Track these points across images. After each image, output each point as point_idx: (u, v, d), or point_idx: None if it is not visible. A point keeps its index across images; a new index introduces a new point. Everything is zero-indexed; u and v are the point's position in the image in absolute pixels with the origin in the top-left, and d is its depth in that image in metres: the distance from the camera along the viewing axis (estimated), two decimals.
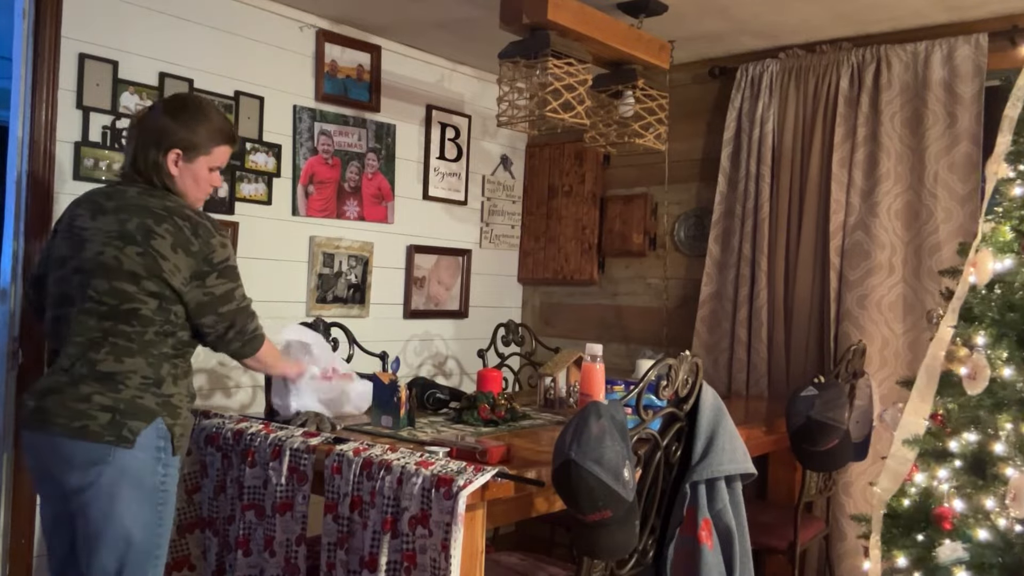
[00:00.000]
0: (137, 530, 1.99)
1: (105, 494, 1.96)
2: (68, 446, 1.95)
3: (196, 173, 2.14)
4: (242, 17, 3.25)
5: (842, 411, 2.70)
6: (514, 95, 2.95)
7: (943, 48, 3.16)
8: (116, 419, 1.96)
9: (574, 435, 1.72)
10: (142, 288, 2.00)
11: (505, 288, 4.44)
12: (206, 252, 2.04)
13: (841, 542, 3.21)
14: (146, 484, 2.00)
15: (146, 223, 2.01)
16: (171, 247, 2.00)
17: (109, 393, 1.97)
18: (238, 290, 2.12)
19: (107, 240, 2.02)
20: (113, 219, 2.04)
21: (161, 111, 2.14)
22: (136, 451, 1.97)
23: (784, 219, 3.47)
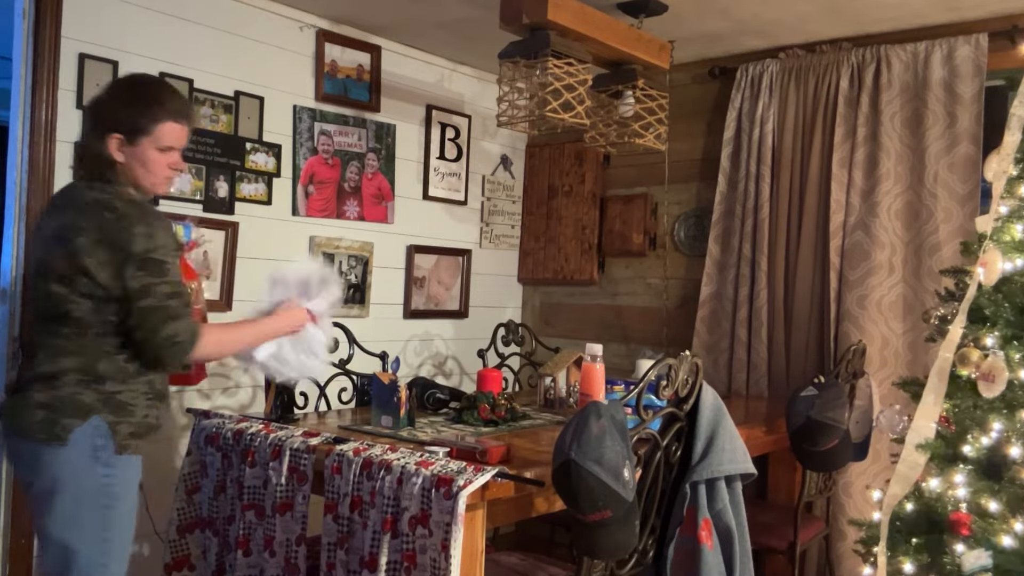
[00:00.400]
0: (75, 537, 1.87)
1: (43, 495, 1.88)
2: (13, 444, 1.93)
3: (143, 156, 1.96)
4: (242, 17, 3.25)
5: (842, 411, 2.70)
6: (514, 95, 2.95)
7: (943, 48, 3.16)
8: (49, 416, 1.87)
9: (574, 435, 1.72)
10: (74, 289, 1.88)
11: (505, 288, 4.43)
12: (125, 242, 1.87)
13: (841, 542, 3.21)
14: (84, 485, 1.87)
15: (74, 221, 1.89)
16: (94, 243, 1.86)
17: (47, 391, 1.89)
18: (160, 286, 1.89)
19: (46, 242, 1.95)
20: (54, 219, 1.96)
21: (102, 94, 2.01)
22: (69, 449, 1.86)
23: (784, 219, 3.46)
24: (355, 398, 2.84)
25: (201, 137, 3.13)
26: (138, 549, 3.00)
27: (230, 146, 3.22)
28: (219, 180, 3.19)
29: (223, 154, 3.20)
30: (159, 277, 1.89)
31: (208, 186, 3.16)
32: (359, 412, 2.69)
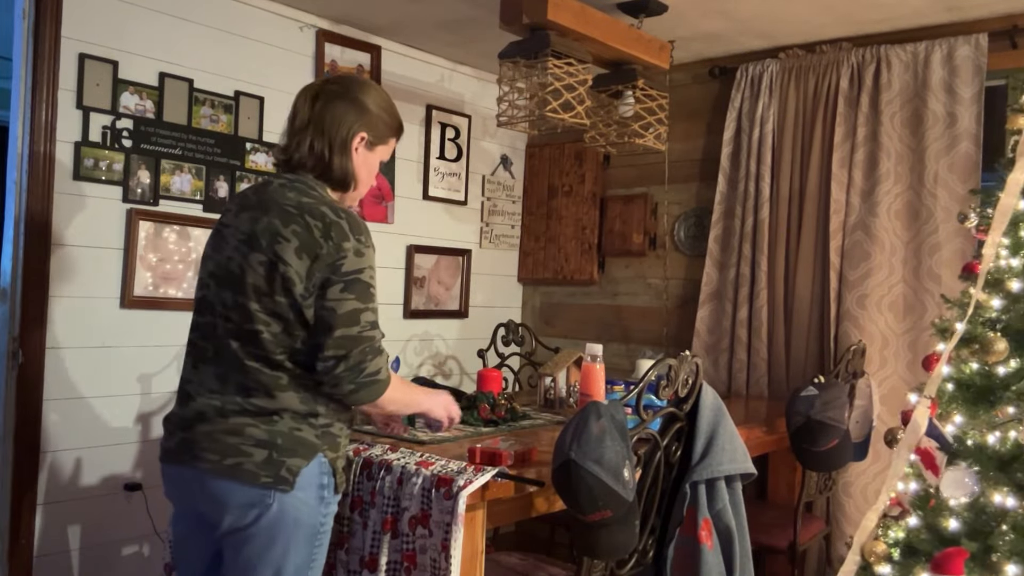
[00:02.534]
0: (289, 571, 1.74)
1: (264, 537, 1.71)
2: (219, 486, 1.69)
3: (371, 163, 1.88)
4: (242, 17, 3.25)
5: (842, 411, 2.70)
6: (514, 95, 2.95)
7: (943, 48, 3.16)
8: (273, 457, 1.68)
9: (574, 435, 1.72)
10: (263, 306, 1.69)
11: (505, 288, 4.44)
12: (335, 258, 1.67)
13: (841, 542, 3.21)
14: (304, 525, 1.72)
15: (274, 223, 1.70)
16: (295, 251, 1.67)
17: (263, 426, 1.70)
18: (365, 314, 1.70)
19: (237, 243, 1.75)
20: (247, 217, 1.76)
21: (346, 89, 1.84)
22: (297, 492, 1.70)
23: (784, 219, 3.47)
24: None
25: (201, 137, 3.13)
26: (138, 549, 3.01)
27: (230, 146, 3.22)
28: (219, 180, 3.19)
29: (223, 154, 3.20)
30: (365, 303, 1.71)
31: (208, 186, 3.16)
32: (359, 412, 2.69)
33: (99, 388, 2.89)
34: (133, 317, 2.96)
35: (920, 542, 1.96)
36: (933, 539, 1.95)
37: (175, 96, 3.07)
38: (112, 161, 2.90)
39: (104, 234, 2.90)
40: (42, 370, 2.74)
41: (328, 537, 1.82)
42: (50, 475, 2.78)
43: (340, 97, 1.83)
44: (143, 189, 2.98)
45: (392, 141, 1.94)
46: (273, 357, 1.71)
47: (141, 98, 2.98)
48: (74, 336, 2.82)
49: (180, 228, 3.08)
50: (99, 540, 2.90)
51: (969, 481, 1.90)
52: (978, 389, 2.04)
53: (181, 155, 3.08)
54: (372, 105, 1.85)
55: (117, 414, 2.94)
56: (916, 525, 2.02)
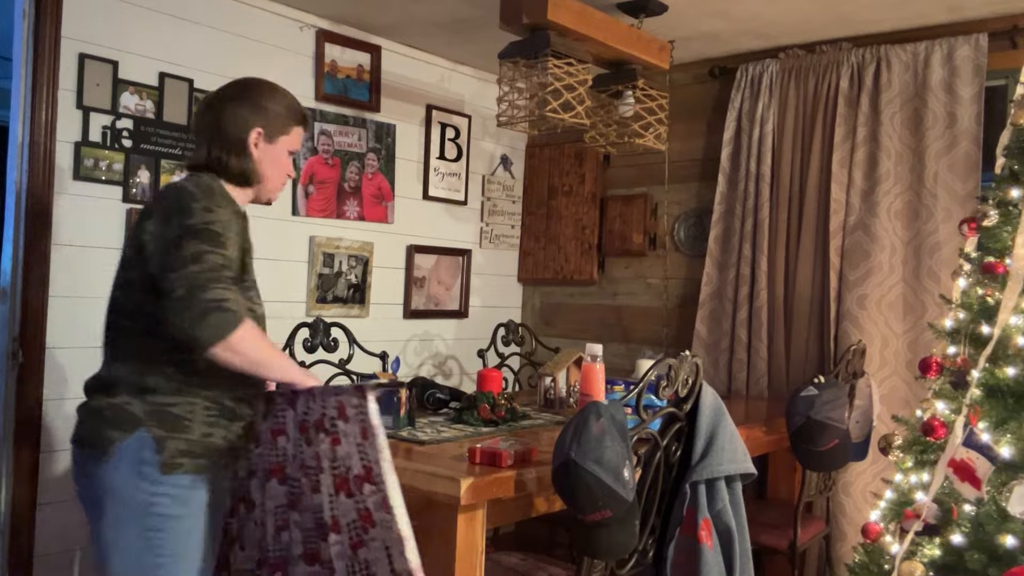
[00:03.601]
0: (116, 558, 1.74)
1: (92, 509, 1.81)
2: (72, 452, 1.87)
3: (276, 155, 1.95)
4: (242, 17, 3.25)
5: (842, 411, 2.70)
6: (514, 95, 2.95)
7: (943, 48, 3.16)
8: (98, 425, 1.78)
9: (574, 435, 1.72)
10: (128, 276, 1.81)
11: (505, 288, 4.43)
12: (183, 217, 1.72)
13: (841, 542, 3.21)
14: (123, 499, 1.74)
15: (147, 211, 1.82)
16: (157, 222, 1.75)
17: (100, 398, 1.81)
18: (211, 255, 1.69)
19: (129, 245, 1.88)
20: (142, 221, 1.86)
21: (232, 93, 1.94)
22: (113, 461, 1.73)
23: (784, 219, 3.47)
24: None
25: None
26: None
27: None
28: None
29: None
30: (211, 244, 1.70)
31: None
32: None
33: None
34: None
35: (971, 561, 1.87)
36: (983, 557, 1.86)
37: (175, 96, 3.07)
38: (112, 161, 2.90)
39: (104, 234, 2.90)
40: (42, 370, 2.74)
41: (181, 526, 1.75)
42: (50, 475, 2.78)
43: (231, 99, 1.93)
44: (143, 189, 2.98)
45: (295, 129, 2.00)
46: (121, 322, 1.82)
47: (141, 98, 2.98)
48: (74, 336, 2.82)
49: None
50: None
51: None
52: (1015, 395, 1.98)
53: (181, 155, 3.08)
54: (263, 100, 1.94)
55: None
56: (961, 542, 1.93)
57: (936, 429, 2.06)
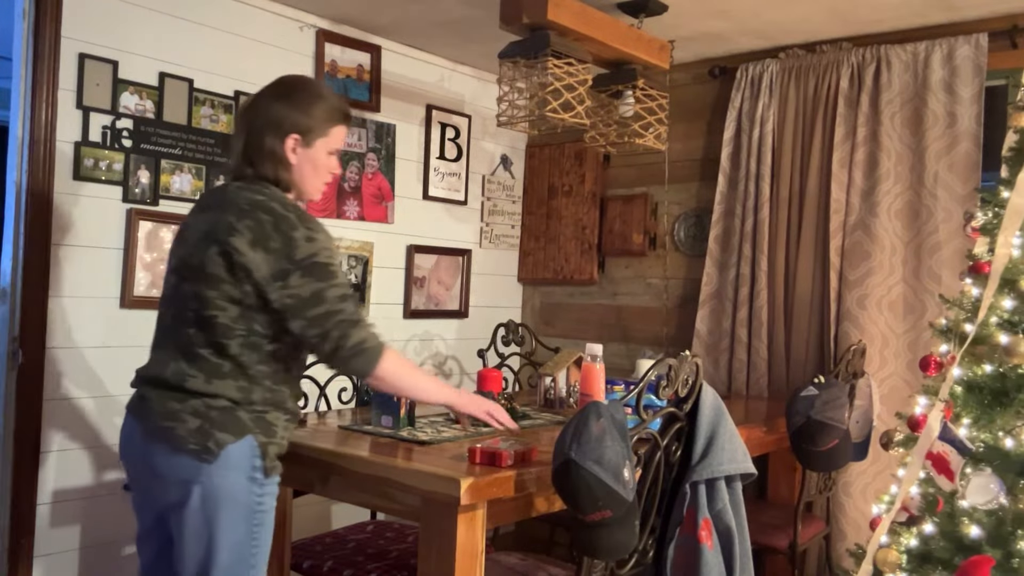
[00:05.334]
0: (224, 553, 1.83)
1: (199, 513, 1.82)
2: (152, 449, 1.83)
3: (315, 159, 1.96)
4: (242, 17, 3.25)
5: (842, 411, 2.70)
6: (514, 95, 2.95)
7: (943, 48, 3.16)
8: (204, 427, 1.79)
9: (574, 435, 1.72)
10: (222, 292, 1.81)
11: (505, 288, 4.43)
12: (287, 248, 1.80)
13: (841, 542, 3.21)
14: (237, 503, 1.82)
15: (229, 220, 1.82)
16: (249, 244, 1.79)
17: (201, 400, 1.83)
18: (330, 290, 1.82)
19: (196, 240, 1.87)
20: (205, 217, 1.89)
21: (270, 96, 1.96)
22: (224, 468, 1.80)
23: (784, 219, 3.47)
24: (355, 398, 2.84)
25: (201, 137, 3.13)
26: None
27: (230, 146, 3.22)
28: (219, 180, 3.19)
29: (223, 154, 3.20)
30: (326, 281, 1.82)
31: (208, 186, 3.16)
32: (359, 412, 2.69)
33: (99, 388, 2.89)
34: (133, 317, 2.96)
35: (939, 550, 1.92)
36: (951, 546, 1.91)
37: (175, 96, 3.07)
38: (112, 161, 2.90)
39: (104, 234, 2.90)
40: (42, 370, 2.74)
41: (271, 519, 1.89)
42: (50, 475, 2.78)
43: (266, 106, 1.94)
44: (143, 189, 2.98)
45: (335, 129, 2.00)
46: (223, 342, 1.83)
47: (141, 98, 2.98)
48: (74, 336, 2.82)
49: None
50: (99, 540, 2.90)
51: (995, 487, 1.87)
52: (992, 391, 2.00)
53: (181, 155, 3.08)
54: (297, 103, 1.94)
55: (117, 414, 2.94)
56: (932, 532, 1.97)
57: (921, 424, 2.11)
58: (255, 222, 1.81)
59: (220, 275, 1.81)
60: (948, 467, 1.94)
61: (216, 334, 1.83)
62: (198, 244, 1.86)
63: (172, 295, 1.92)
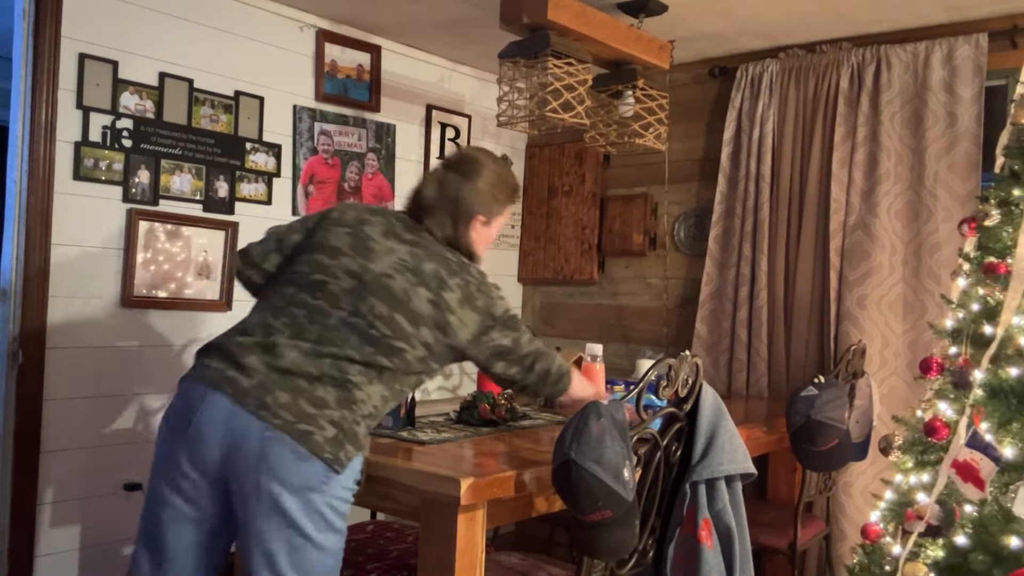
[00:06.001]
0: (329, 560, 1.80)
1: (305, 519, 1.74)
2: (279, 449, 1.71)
3: (490, 235, 2.16)
4: (242, 17, 3.25)
5: (842, 411, 2.69)
6: (514, 95, 2.95)
7: (943, 48, 3.16)
8: (339, 437, 1.76)
9: (574, 435, 1.72)
10: (419, 333, 1.87)
11: (505, 288, 4.41)
12: (489, 306, 1.98)
13: (841, 542, 3.21)
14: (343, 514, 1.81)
15: (440, 272, 1.93)
16: (459, 301, 1.92)
17: (338, 410, 1.78)
18: (523, 337, 2.05)
19: (399, 268, 1.90)
20: (407, 251, 1.94)
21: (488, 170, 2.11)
22: (343, 479, 1.78)
23: (784, 219, 3.46)
24: None
25: (201, 137, 3.13)
26: None
27: (230, 146, 3.22)
28: (219, 180, 3.19)
29: (223, 154, 3.20)
30: (519, 331, 2.05)
31: (208, 186, 3.16)
32: None
33: (99, 388, 2.89)
34: (133, 317, 2.96)
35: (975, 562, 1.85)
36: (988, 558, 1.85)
37: (175, 96, 3.07)
38: (112, 161, 2.90)
39: (104, 234, 2.90)
40: (42, 370, 2.74)
41: None
42: (50, 475, 2.78)
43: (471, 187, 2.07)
44: (143, 189, 2.98)
45: (509, 208, 2.21)
46: (397, 372, 1.87)
47: (141, 98, 2.98)
48: (74, 336, 2.82)
49: (180, 228, 3.08)
50: (99, 540, 2.90)
51: None
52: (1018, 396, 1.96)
53: (181, 155, 3.08)
54: (495, 191, 2.11)
55: (117, 414, 2.94)
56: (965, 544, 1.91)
57: (938, 430, 2.04)
58: (463, 281, 1.96)
59: (423, 316, 1.88)
60: (977, 475, 1.87)
61: (396, 362, 1.86)
62: (402, 273, 1.90)
63: (343, 297, 1.87)
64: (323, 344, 1.82)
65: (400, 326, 1.86)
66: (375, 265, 1.90)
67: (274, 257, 2.03)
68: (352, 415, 1.79)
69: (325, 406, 1.77)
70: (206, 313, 3.15)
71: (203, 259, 3.14)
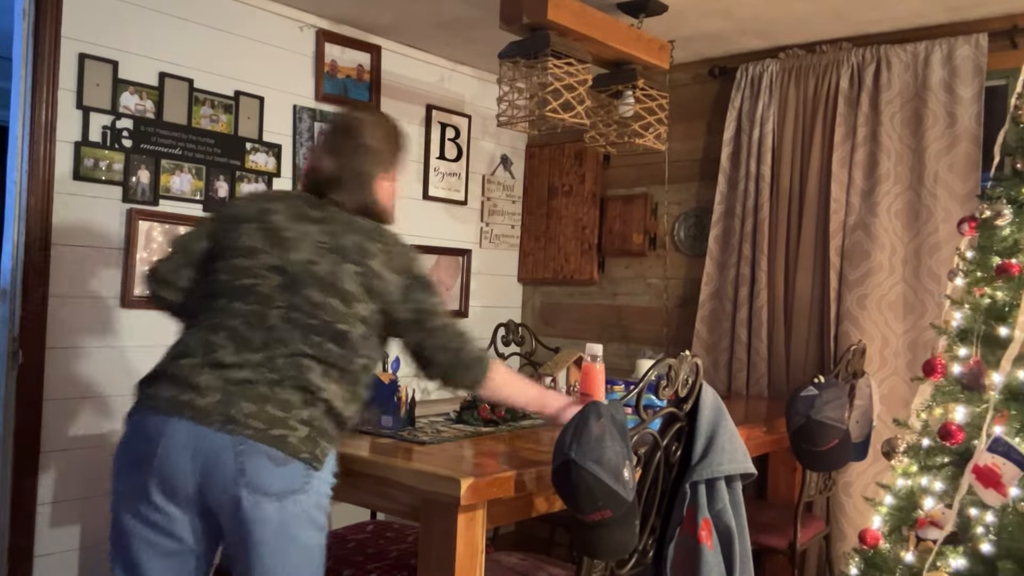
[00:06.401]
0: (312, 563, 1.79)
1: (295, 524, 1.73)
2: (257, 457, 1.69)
3: (394, 188, 2.10)
4: (242, 17, 3.25)
5: (842, 411, 2.70)
6: (514, 95, 2.95)
7: (943, 48, 3.16)
8: (312, 435, 1.75)
9: (574, 435, 1.72)
10: (353, 310, 1.83)
11: (505, 288, 4.43)
12: (409, 265, 1.92)
13: (841, 542, 3.21)
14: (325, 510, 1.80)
15: (360, 242, 1.88)
16: (382, 264, 1.87)
17: (306, 409, 1.76)
18: (440, 304, 1.94)
19: (320, 250, 1.86)
20: (321, 230, 1.89)
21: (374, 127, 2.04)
22: (323, 474, 1.77)
23: (784, 219, 3.47)
24: None
25: (201, 137, 3.13)
26: None
27: (230, 146, 3.22)
28: (219, 180, 3.19)
29: (223, 154, 3.20)
30: (437, 296, 1.96)
31: (208, 186, 3.16)
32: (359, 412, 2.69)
33: (99, 388, 2.89)
34: (133, 317, 2.96)
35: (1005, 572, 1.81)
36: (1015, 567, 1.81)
37: (175, 96, 3.07)
38: (112, 161, 2.90)
39: (104, 234, 2.90)
40: (42, 370, 2.74)
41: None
42: (50, 475, 2.78)
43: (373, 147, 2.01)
44: (143, 189, 2.98)
45: (403, 158, 2.13)
46: (350, 356, 1.84)
47: (141, 98, 2.98)
48: (74, 336, 2.82)
49: (180, 228, 3.08)
50: (99, 540, 2.90)
51: None
52: None
53: (181, 155, 3.08)
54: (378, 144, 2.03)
55: (117, 414, 2.94)
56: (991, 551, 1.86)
57: (954, 434, 1.98)
58: (383, 243, 1.90)
59: (354, 292, 1.84)
60: (999, 480, 1.82)
61: (347, 347, 1.83)
62: (324, 256, 1.85)
63: (275, 295, 1.82)
64: (271, 347, 1.78)
65: (335, 308, 1.82)
66: (296, 255, 1.85)
67: (186, 272, 1.95)
68: (319, 411, 1.78)
69: (292, 407, 1.74)
70: None
71: None
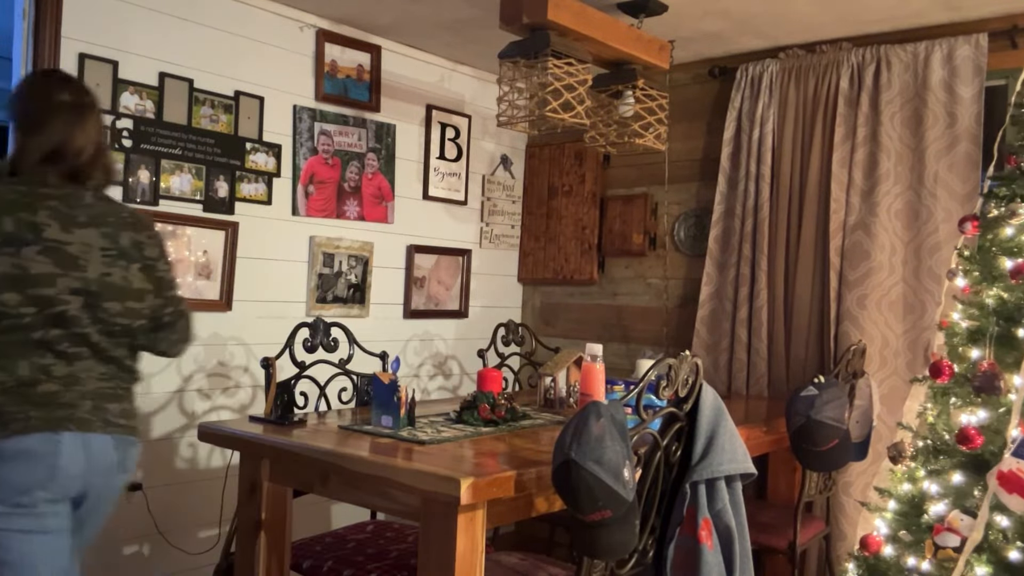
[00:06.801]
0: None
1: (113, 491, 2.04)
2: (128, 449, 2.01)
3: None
4: (242, 17, 3.25)
5: (842, 411, 2.70)
6: (514, 95, 2.95)
7: (943, 48, 3.16)
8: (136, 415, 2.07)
9: (574, 435, 1.72)
10: (147, 304, 2.03)
11: (505, 288, 4.43)
12: (161, 239, 2.08)
13: (841, 542, 3.21)
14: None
15: (133, 236, 1.99)
16: (155, 248, 2.04)
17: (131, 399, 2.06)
18: (176, 279, 2.12)
19: (108, 260, 1.92)
20: (98, 234, 1.91)
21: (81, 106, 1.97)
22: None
23: (784, 219, 3.47)
24: (355, 398, 2.84)
25: (201, 137, 3.13)
26: (138, 549, 3.01)
27: (230, 146, 3.22)
28: (219, 180, 3.19)
29: (223, 154, 3.20)
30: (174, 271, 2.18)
31: (208, 186, 3.16)
32: (359, 412, 2.69)
33: None
34: None
35: None
36: None
37: (175, 96, 3.07)
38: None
39: None
40: None
41: None
42: None
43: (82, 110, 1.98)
44: (143, 189, 2.98)
45: None
46: (139, 343, 2.04)
47: (141, 98, 2.98)
48: None
49: (180, 228, 3.08)
50: (99, 540, 2.89)
51: None
52: None
53: (181, 155, 3.08)
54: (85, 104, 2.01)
55: None
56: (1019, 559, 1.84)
57: (972, 438, 1.96)
58: (145, 229, 2.02)
59: (143, 287, 2.00)
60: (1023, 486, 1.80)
61: (138, 339, 2.03)
62: (113, 264, 1.94)
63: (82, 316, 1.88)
64: (102, 361, 1.95)
65: (134, 309, 1.98)
66: (90, 271, 1.90)
67: None
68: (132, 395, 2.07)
69: (133, 400, 2.05)
70: (206, 313, 3.15)
71: (203, 259, 3.14)
